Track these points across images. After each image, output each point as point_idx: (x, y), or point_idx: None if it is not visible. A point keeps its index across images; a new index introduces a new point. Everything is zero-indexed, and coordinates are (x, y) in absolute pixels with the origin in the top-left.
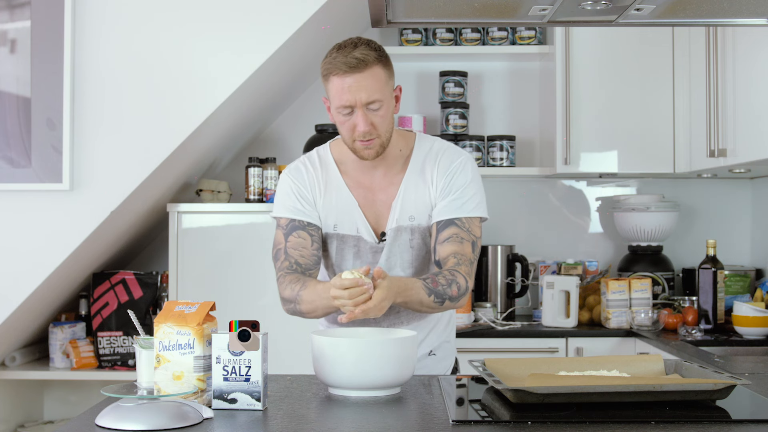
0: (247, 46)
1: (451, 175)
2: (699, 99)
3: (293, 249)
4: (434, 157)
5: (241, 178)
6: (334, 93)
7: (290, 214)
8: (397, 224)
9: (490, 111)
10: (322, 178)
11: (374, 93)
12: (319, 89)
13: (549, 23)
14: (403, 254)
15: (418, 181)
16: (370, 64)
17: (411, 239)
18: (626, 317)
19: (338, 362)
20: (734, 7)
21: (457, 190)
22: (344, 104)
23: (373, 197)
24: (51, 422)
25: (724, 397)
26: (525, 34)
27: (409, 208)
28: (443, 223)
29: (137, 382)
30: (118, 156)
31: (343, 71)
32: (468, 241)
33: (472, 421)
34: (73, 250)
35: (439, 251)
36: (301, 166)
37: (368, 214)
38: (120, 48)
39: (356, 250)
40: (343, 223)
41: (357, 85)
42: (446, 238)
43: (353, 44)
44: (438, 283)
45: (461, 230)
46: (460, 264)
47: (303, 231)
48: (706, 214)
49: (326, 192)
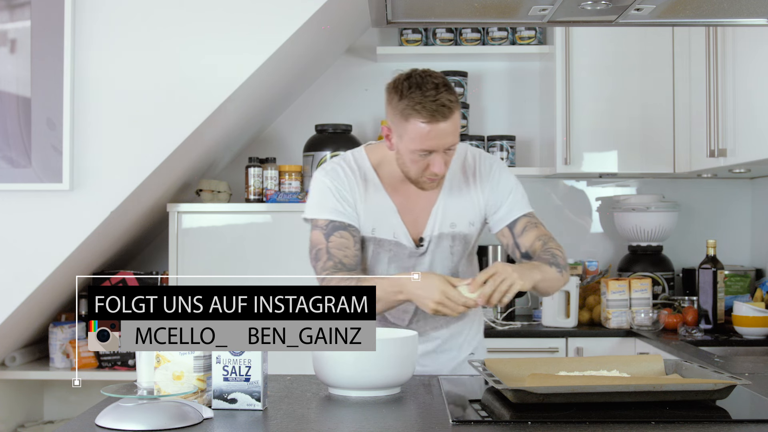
0: (248, 46)
1: (497, 181)
2: (699, 99)
3: (336, 249)
4: (471, 164)
5: (241, 178)
6: (415, 136)
7: (331, 215)
8: (439, 231)
9: (490, 111)
10: (362, 182)
11: (455, 138)
12: (319, 89)
13: (549, 23)
14: (445, 261)
15: (459, 187)
16: (453, 110)
17: (452, 246)
18: (626, 317)
19: (338, 362)
20: (734, 7)
21: (510, 195)
22: (425, 149)
23: (411, 203)
24: (51, 422)
25: (724, 397)
26: (525, 34)
27: (450, 215)
28: (512, 222)
29: (137, 382)
30: (118, 156)
31: (428, 119)
32: (540, 224)
33: (472, 421)
34: (73, 250)
35: (522, 243)
36: (339, 169)
37: (406, 219)
38: (120, 48)
39: (392, 254)
40: (381, 227)
41: (443, 133)
42: (522, 228)
43: (434, 85)
44: (546, 260)
45: (530, 218)
46: (547, 243)
47: (344, 231)
48: (706, 214)
49: (365, 196)
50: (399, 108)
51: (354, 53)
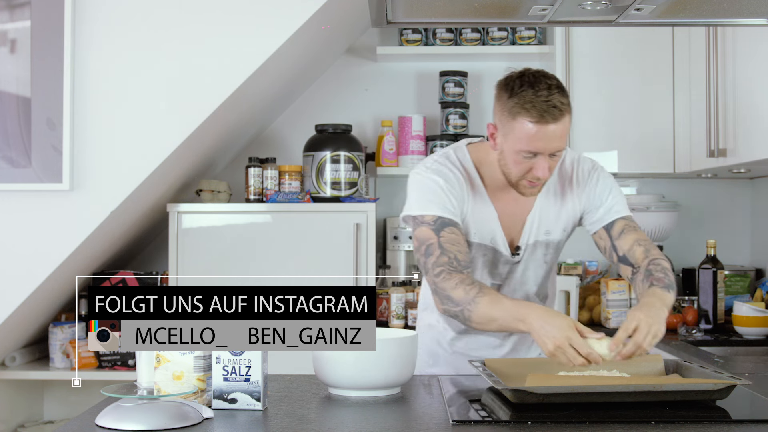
0: (247, 46)
1: (594, 185)
2: (699, 99)
3: (450, 244)
4: (569, 169)
5: (241, 178)
6: (521, 136)
7: (440, 212)
8: (534, 239)
9: (490, 111)
10: (469, 184)
11: (563, 142)
12: (319, 89)
13: (549, 23)
14: (537, 269)
15: (555, 194)
16: (564, 113)
17: (545, 254)
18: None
19: (338, 362)
20: (734, 7)
21: (608, 196)
22: (531, 150)
23: (509, 209)
24: (51, 422)
25: (724, 397)
26: (525, 34)
27: (546, 223)
28: (609, 224)
29: (137, 382)
30: (118, 156)
31: (537, 119)
32: (639, 228)
33: (472, 421)
34: (73, 250)
35: (620, 245)
36: (445, 169)
37: (504, 226)
38: (120, 48)
39: (487, 259)
40: (481, 232)
41: (551, 135)
42: (620, 231)
43: (547, 86)
44: (662, 280)
45: (628, 221)
46: (649, 250)
47: (454, 227)
48: (706, 214)
49: (473, 199)
50: (508, 106)
51: (354, 53)
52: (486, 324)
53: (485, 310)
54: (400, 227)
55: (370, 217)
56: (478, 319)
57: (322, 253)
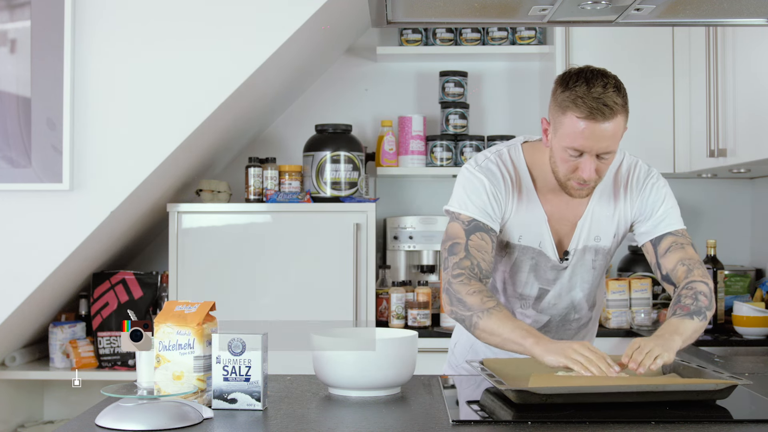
0: (247, 46)
1: (647, 194)
2: (699, 99)
3: (476, 250)
4: (624, 175)
5: (241, 178)
6: (569, 131)
7: (477, 214)
8: (583, 244)
9: (490, 111)
10: (516, 186)
11: (612, 144)
12: (319, 89)
13: (549, 23)
14: (585, 275)
15: (608, 198)
16: (617, 113)
17: (594, 260)
18: (626, 317)
19: (338, 362)
20: (734, 7)
21: (660, 207)
22: (577, 148)
23: (560, 212)
24: (51, 422)
25: (724, 397)
26: (525, 34)
27: (597, 228)
28: (656, 238)
29: (137, 382)
30: (118, 156)
31: (585, 115)
32: (688, 245)
33: (472, 422)
34: (73, 250)
35: (664, 264)
36: (495, 169)
37: (553, 229)
38: (120, 48)
39: (533, 263)
40: (528, 235)
41: (599, 134)
42: (666, 248)
43: (603, 83)
44: (687, 306)
45: (678, 237)
46: (691, 270)
47: (485, 234)
48: (706, 214)
49: (519, 202)
50: (559, 99)
51: (354, 53)
52: (488, 336)
53: (494, 324)
54: (400, 227)
55: (370, 217)
56: (484, 329)
57: (322, 253)
